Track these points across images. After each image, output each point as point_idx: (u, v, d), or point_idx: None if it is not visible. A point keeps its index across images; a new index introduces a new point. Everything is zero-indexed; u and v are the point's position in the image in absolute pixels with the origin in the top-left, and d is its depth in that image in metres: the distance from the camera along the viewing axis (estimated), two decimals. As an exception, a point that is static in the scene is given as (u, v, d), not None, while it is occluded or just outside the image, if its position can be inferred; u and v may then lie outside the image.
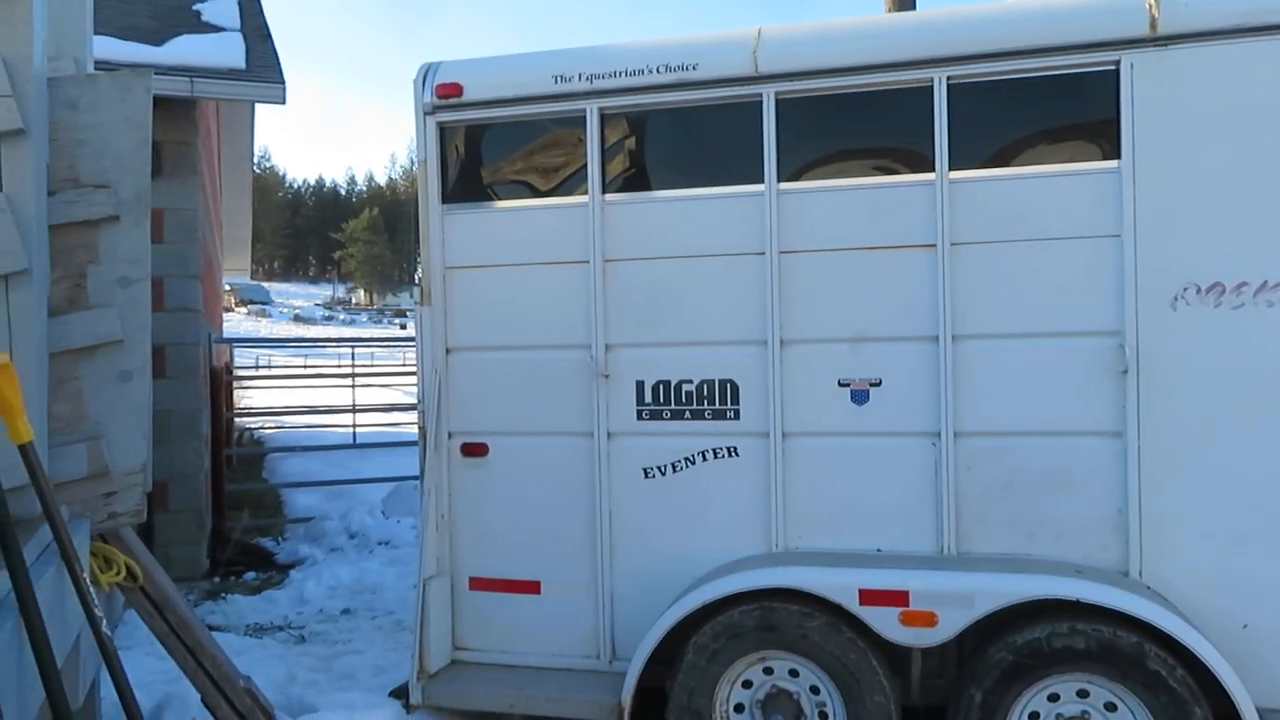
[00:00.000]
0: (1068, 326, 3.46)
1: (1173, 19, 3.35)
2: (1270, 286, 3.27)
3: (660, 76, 3.85)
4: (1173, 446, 3.35)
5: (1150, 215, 3.36)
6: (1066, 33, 3.46)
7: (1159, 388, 3.36)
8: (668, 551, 3.84)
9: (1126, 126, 3.39)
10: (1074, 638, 3.17)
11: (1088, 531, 3.44)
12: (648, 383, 3.86)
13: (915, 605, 3.28)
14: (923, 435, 3.58)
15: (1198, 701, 3.07)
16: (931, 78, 3.57)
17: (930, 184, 3.58)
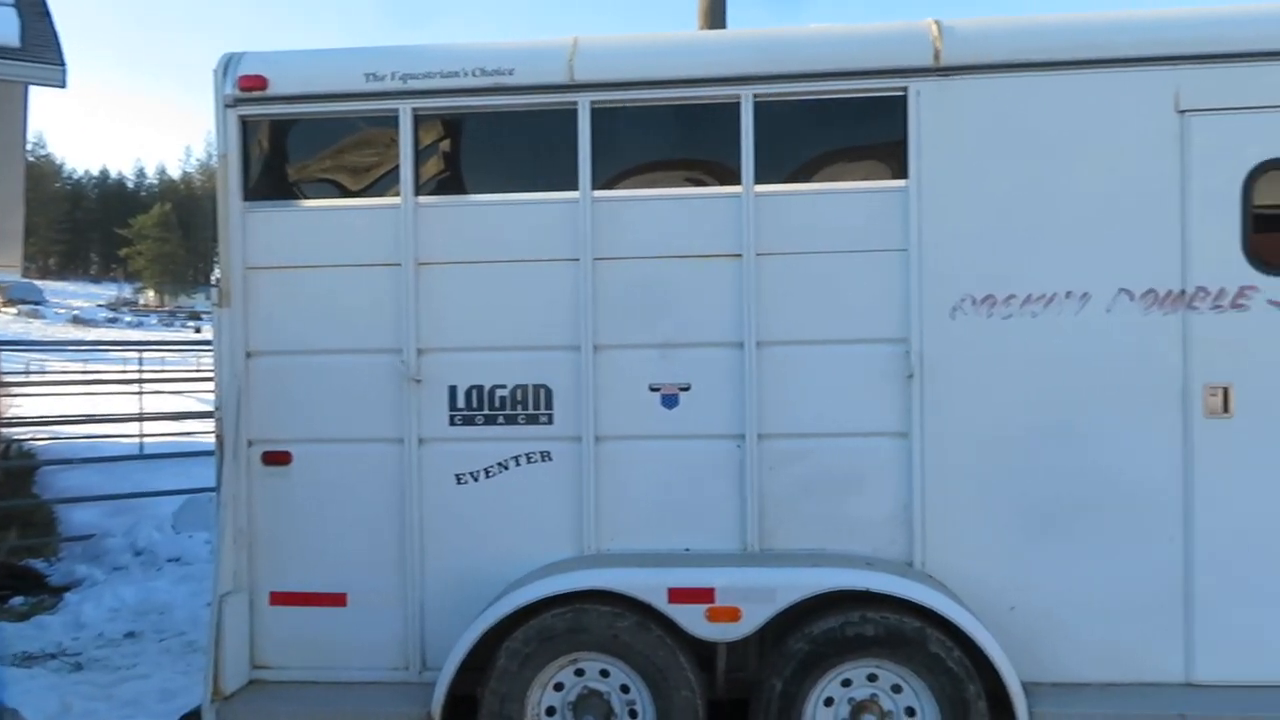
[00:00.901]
0: (861, 334, 3.69)
1: (954, 51, 3.64)
2: (1034, 299, 3.61)
3: (476, 80, 3.83)
4: (952, 445, 3.64)
5: (933, 231, 3.64)
6: (861, 59, 3.70)
7: (940, 391, 3.64)
8: (481, 558, 3.81)
9: (914, 149, 3.65)
10: (865, 625, 3.38)
11: (878, 526, 3.67)
12: (461, 388, 3.82)
13: (721, 601, 3.40)
14: (729, 437, 3.72)
15: (971, 679, 3.35)
16: (739, 95, 3.73)
17: (738, 196, 3.73)
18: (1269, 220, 3.55)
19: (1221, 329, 3.54)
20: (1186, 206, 3.55)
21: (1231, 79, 3.52)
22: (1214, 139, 3.52)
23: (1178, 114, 3.54)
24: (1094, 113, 3.60)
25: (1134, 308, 3.57)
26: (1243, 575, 3.57)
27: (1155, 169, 3.57)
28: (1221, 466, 3.56)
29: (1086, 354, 3.60)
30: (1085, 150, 3.60)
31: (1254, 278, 3.53)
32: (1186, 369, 3.56)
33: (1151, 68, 3.55)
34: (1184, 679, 3.60)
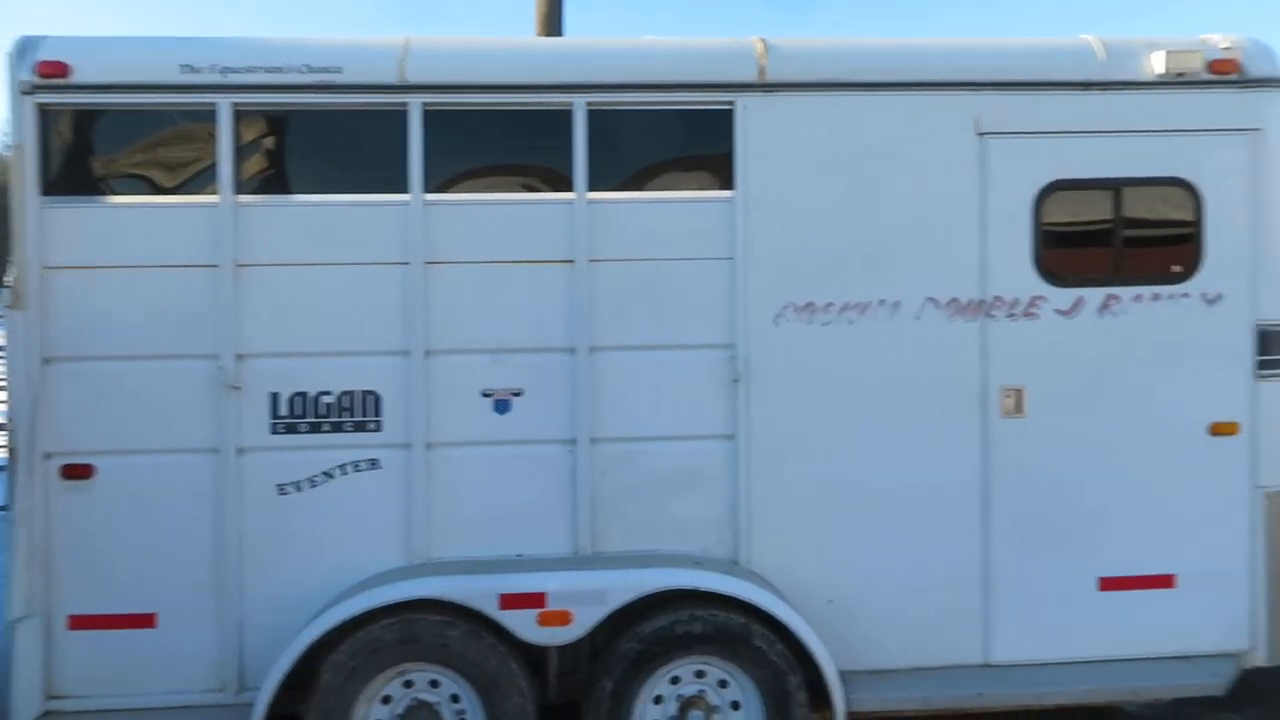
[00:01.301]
0: (690, 339, 3.79)
1: (778, 69, 3.80)
2: (851, 306, 3.80)
3: (302, 76, 3.72)
4: (775, 447, 3.78)
5: (758, 241, 3.78)
6: (690, 73, 3.80)
7: (764, 395, 3.78)
8: (306, 571, 3.67)
9: (740, 161, 3.78)
10: (693, 623, 3.47)
11: (706, 526, 3.78)
12: (284, 394, 3.68)
13: (552, 605, 3.42)
14: (561, 442, 3.74)
15: (792, 671, 3.49)
16: (572, 102, 3.76)
17: (570, 203, 3.76)
18: (1056, 236, 3.87)
19: (1016, 335, 3.83)
20: (985, 222, 3.83)
21: (1024, 105, 3.82)
22: (1009, 160, 3.82)
23: (978, 136, 3.81)
24: (905, 132, 3.83)
25: (939, 315, 3.82)
26: (1034, 563, 3.87)
27: (958, 186, 3.83)
28: (1015, 462, 3.85)
29: (898, 359, 3.82)
30: (897, 167, 3.83)
31: (1043, 289, 3.84)
32: (985, 372, 3.84)
33: (956, 92, 3.82)
34: (983, 660, 3.86)
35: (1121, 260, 3.88)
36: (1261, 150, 3.85)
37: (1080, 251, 3.91)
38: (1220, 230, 3.86)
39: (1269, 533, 3.92)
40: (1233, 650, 3.95)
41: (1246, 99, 3.84)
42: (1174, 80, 3.80)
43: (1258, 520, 3.92)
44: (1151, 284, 3.87)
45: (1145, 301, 3.86)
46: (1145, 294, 3.86)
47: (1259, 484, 3.92)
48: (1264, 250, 3.87)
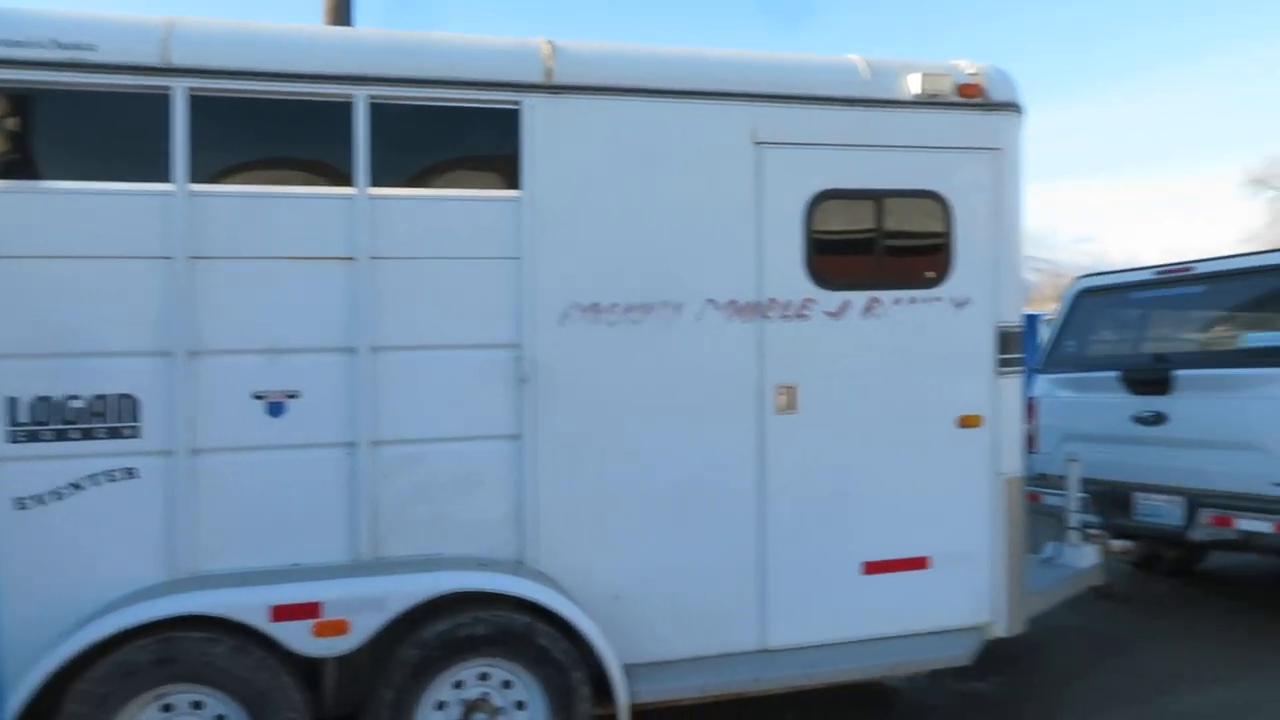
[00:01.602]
0: (476, 339, 3.75)
1: (566, 71, 3.82)
2: (636, 307, 3.88)
3: (50, 53, 3.41)
4: (562, 446, 3.81)
5: (544, 242, 3.79)
6: (476, 70, 3.76)
7: (550, 394, 3.80)
8: (49, 592, 3.36)
9: (527, 161, 3.78)
10: (476, 626, 3.45)
11: (492, 527, 3.76)
12: (24, 399, 3.36)
13: (328, 615, 3.30)
14: (341, 445, 3.62)
15: (576, 667, 3.54)
16: (353, 95, 3.64)
17: (351, 198, 3.64)
18: (825, 243, 4.10)
19: (789, 336, 4.04)
20: (762, 228, 4.00)
21: (797, 118, 4.02)
22: (783, 169, 4.01)
23: (755, 145, 3.98)
24: (687, 138, 3.94)
25: (719, 317, 3.97)
26: (806, 551, 4.09)
27: (736, 193, 3.98)
28: (789, 456, 4.06)
29: (680, 359, 3.93)
30: (680, 172, 3.94)
31: (814, 292, 4.06)
32: (761, 371, 4.02)
33: (735, 102, 3.96)
34: (759, 646, 4.06)
35: (883, 266, 4.16)
36: (1001, 168, 4.23)
37: (847, 257, 4.16)
38: (967, 240, 4.21)
39: (1007, 515, 4.32)
40: (978, 624, 4.33)
41: (989, 121, 4.20)
42: (928, 100, 4.10)
43: (998, 504, 4.31)
44: (909, 288, 4.17)
45: (904, 304, 4.16)
46: (904, 297, 4.16)
47: (999, 471, 4.31)
48: (1003, 259, 4.26)
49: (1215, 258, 6.01)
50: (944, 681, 4.93)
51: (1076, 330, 6.78)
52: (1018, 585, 4.39)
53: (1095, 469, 6.06)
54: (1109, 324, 6.81)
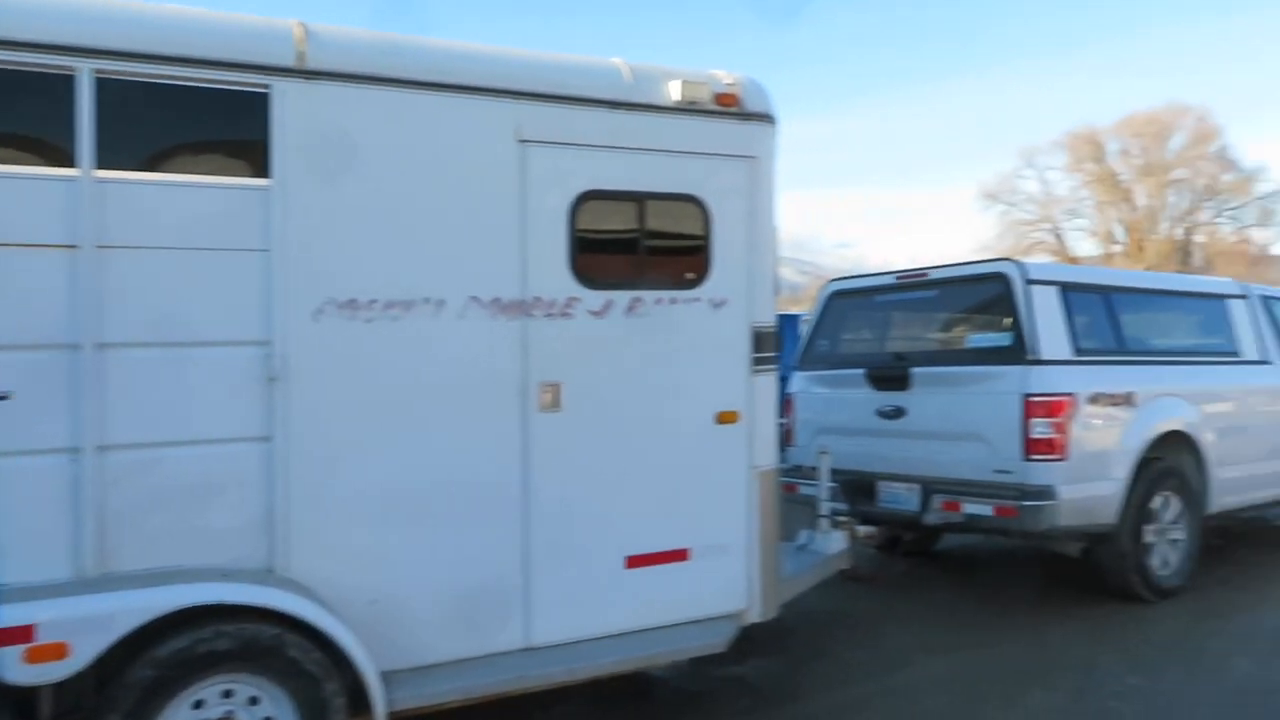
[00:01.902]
0: (220, 336, 3.52)
1: (319, 56, 3.65)
2: (395, 304, 3.77)
3: None
4: (316, 448, 3.64)
5: (296, 233, 3.60)
6: (221, 49, 3.52)
7: (305, 394, 3.62)
8: None
9: (277, 148, 3.58)
10: (219, 640, 3.24)
11: (238, 535, 3.54)
12: None
13: (43, 638, 2.99)
14: (61, 451, 3.29)
15: (329, 678, 3.40)
16: (75, 67, 3.32)
17: (75, 180, 3.32)
18: (589, 242, 4.15)
19: (553, 334, 4.06)
20: (526, 226, 4.00)
21: (561, 117, 4.04)
22: (547, 168, 4.02)
23: (519, 142, 3.97)
24: (450, 132, 3.88)
25: (483, 314, 3.93)
26: (570, 547, 4.13)
27: (500, 189, 3.96)
28: (554, 453, 4.08)
29: (442, 357, 3.86)
30: (441, 167, 3.86)
31: (578, 291, 4.10)
32: (525, 369, 4.02)
33: (498, 99, 3.93)
34: (524, 645, 4.06)
35: (645, 266, 4.27)
36: (755, 175, 4.45)
37: (610, 257, 4.24)
38: (724, 244, 4.39)
39: (762, 506, 4.55)
40: (735, 611, 4.53)
41: (745, 130, 4.41)
42: (687, 107, 4.25)
43: (753, 496, 4.53)
44: (670, 289, 4.30)
45: (665, 304, 4.28)
46: (665, 298, 4.28)
47: (755, 464, 4.53)
48: (758, 262, 4.47)
49: (946, 265, 6.59)
50: (704, 668, 5.13)
51: (828, 330, 7.25)
52: (772, 573, 4.63)
53: (844, 460, 6.49)
54: (856, 324, 7.32)
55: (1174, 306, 7.23)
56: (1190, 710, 4.53)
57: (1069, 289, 6.15)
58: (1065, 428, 5.71)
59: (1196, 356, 6.93)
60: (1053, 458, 5.69)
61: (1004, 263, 6.15)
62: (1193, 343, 7.12)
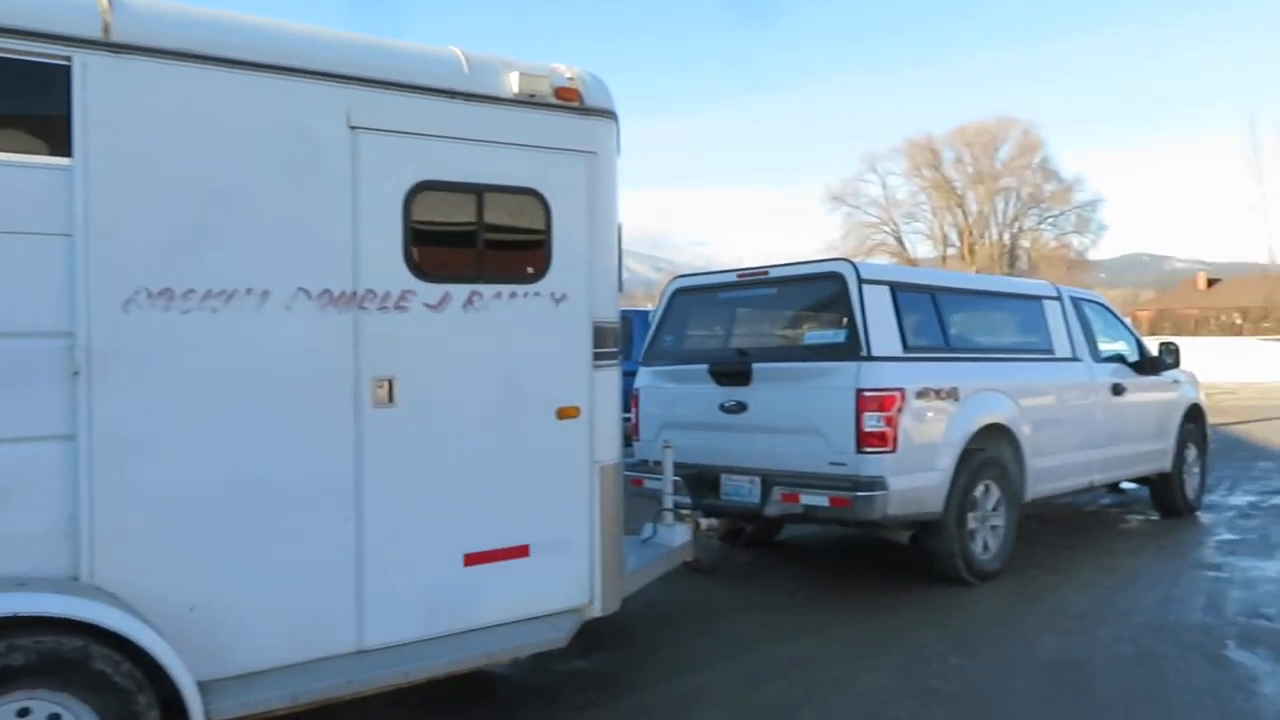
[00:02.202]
0: (16, 326, 3.25)
1: (127, 29, 3.41)
2: (215, 294, 3.57)
3: None
4: (125, 446, 3.41)
5: (105, 217, 3.37)
6: (17, 16, 3.24)
7: (113, 390, 3.39)
8: None
9: (79, 125, 3.33)
10: (13, 655, 3.00)
11: (37, 541, 3.28)
12: None
13: None
14: None
15: (142, 690, 3.20)
16: None
17: None
18: (425, 234, 4.06)
19: (387, 328, 3.94)
20: (358, 215, 3.87)
21: (396, 105, 3.93)
22: (380, 157, 3.90)
23: (350, 129, 3.83)
24: (275, 115, 3.70)
25: (311, 306, 3.78)
26: (406, 547, 4.03)
27: (330, 177, 3.81)
28: (388, 450, 3.96)
29: (267, 350, 3.69)
30: (266, 151, 3.69)
31: (414, 283, 4.00)
32: (358, 364, 3.89)
33: (328, 83, 3.79)
34: (357, 648, 3.93)
35: (484, 260, 4.20)
36: (596, 171, 4.45)
37: (448, 250, 4.16)
38: (565, 238, 4.37)
39: (603, 501, 4.56)
40: (576, 606, 4.53)
41: (585, 125, 4.40)
42: (527, 100, 4.20)
43: (595, 491, 4.54)
44: (510, 283, 4.24)
45: (505, 299, 4.23)
46: (505, 292, 4.23)
47: (596, 460, 4.54)
48: (599, 258, 4.48)
49: (785, 264, 6.79)
50: (547, 663, 5.11)
51: (673, 326, 7.35)
52: (614, 567, 4.65)
53: (689, 454, 6.60)
54: (700, 321, 7.45)
55: (994, 307, 7.69)
56: (1004, 686, 4.82)
57: (899, 289, 6.44)
58: (895, 421, 5.97)
59: (1015, 354, 7.38)
60: (883, 450, 5.95)
61: (839, 263, 6.38)
62: (1011, 341, 7.59)
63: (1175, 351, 8.79)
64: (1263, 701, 4.49)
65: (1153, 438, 8.55)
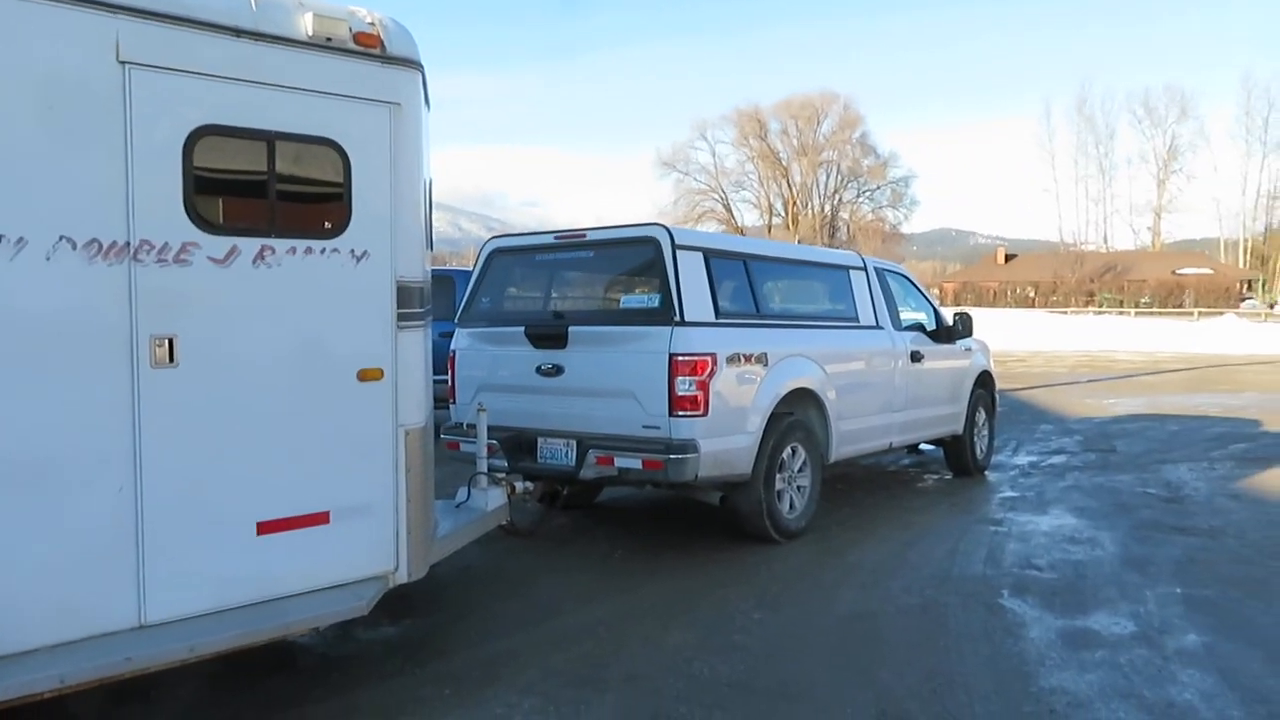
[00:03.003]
0: None
1: None
2: None
3: None
4: None
5: None
6: None
7: None
8: None
9: None
10: None
11: None
12: None
13: None
14: None
15: None
16: None
17: None
18: (209, 182, 3.79)
19: (166, 282, 3.67)
20: (132, 159, 3.57)
21: (172, 40, 3.62)
22: (157, 96, 3.60)
23: (120, 64, 3.51)
24: (34, 45, 3.35)
25: (77, 257, 3.46)
26: (191, 515, 3.80)
27: (99, 116, 3.49)
28: (169, 413, 3.71)
29: (22, 304, 3.37)
30: (23, 84, 3.33)
31: (196, 235, 3.73)
32: (134, 320, 3.60)
33: (91, 10, 3.45)
34: (138, 623, 3.69)
35: (276, 213, 3.97)
36: (400, 123, 4.27)
37: (236, 200, 3.91)
38: (366, 193, 4.18)
39: (408, 466, 4.44)
40: (380, 573, 4.41)
41: (388, 74, 4.20)
42: (323, 44, 3.97)
43: (400, 455, 4.41)
44: (305, 238, 4.03)
45: (299, 255, 4.01)
46: (299, 247, 4.01)
47: (401, 423, 4.40)
48: (401, 214, 4.31)
49: (602, 227, 6.78)
50: (353, 631, 4.97)
51: (489, 288, 7.22)
52: (420, 532, 4.54)
53: (505, 417, 6.54)
54: (517, 282, 7.36)
55: (804, 275, 7.96)
56: (801, 637, 5.04)
57: (712, 255, 6.55)
58: (707, 385, 6.10)
59: (822, 321, 7.68)
60: (695, 414, 6.07)
61: (654, 227, 6.42)
62: (819, 309, 7.89)
63: (968, 321, 9.38)
64: (1027, 644, 4.89)
65: (947, 402, 9.11)
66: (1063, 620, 5.24)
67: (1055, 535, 7.22)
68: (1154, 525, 7.52)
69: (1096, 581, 5.99)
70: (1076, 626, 5.15)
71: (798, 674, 4.53)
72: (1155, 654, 4.74)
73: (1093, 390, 19.27)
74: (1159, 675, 4.46)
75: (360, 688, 4.33)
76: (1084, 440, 12.27)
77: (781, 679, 4.47)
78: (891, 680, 4.43)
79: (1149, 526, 7.48)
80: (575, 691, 4.29)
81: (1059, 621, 5.22)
